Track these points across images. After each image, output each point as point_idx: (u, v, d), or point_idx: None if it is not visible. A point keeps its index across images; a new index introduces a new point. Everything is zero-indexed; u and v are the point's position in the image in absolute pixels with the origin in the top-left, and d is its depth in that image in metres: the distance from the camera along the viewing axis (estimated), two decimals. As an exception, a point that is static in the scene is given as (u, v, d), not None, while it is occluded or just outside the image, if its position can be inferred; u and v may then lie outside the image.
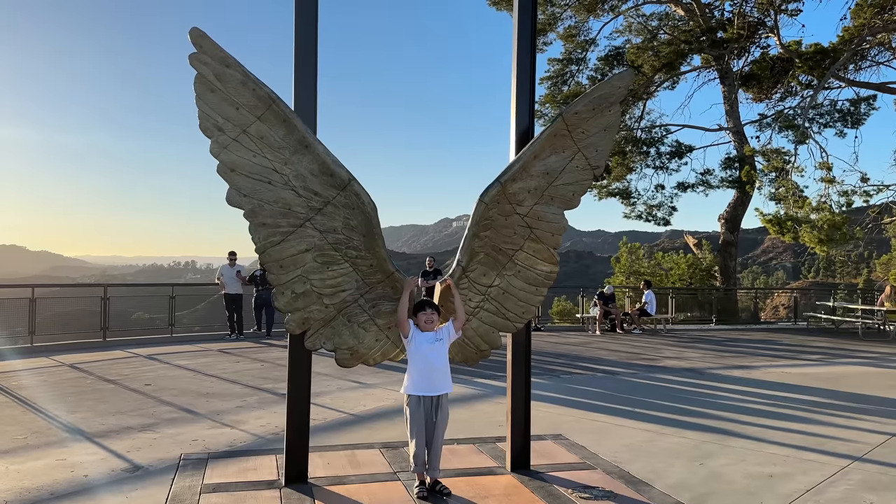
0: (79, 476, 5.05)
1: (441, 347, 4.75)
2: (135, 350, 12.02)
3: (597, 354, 12.74)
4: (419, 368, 4.70)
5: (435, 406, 4.71)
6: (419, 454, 4.66)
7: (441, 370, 4.74)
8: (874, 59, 24.13)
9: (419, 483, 4.72)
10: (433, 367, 4.71)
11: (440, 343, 4.75)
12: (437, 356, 4.73)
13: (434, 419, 4.70)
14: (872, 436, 6.60)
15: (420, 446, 4.65)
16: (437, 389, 4.72)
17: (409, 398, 4.71)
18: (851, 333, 17.68)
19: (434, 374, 4.71)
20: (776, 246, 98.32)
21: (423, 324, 4.73)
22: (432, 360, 4.71)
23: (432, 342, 4.72)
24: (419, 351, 4.70)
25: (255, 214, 4.63)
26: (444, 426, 4.76)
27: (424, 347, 4.70)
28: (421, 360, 4.69)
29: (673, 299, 19.99)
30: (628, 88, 5.39)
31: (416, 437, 4.65)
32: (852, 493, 4.93)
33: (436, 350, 4.73)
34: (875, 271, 46.20)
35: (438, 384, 4.72)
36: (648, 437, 6.50)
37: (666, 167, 24.54)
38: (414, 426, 4.65)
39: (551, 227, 5.19)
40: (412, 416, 4.67)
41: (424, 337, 4.73)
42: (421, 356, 4.69)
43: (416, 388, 4.69)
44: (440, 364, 4.74)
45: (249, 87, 4.50)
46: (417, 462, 4.68)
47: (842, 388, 9.27)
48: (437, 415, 4.71)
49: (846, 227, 19.78)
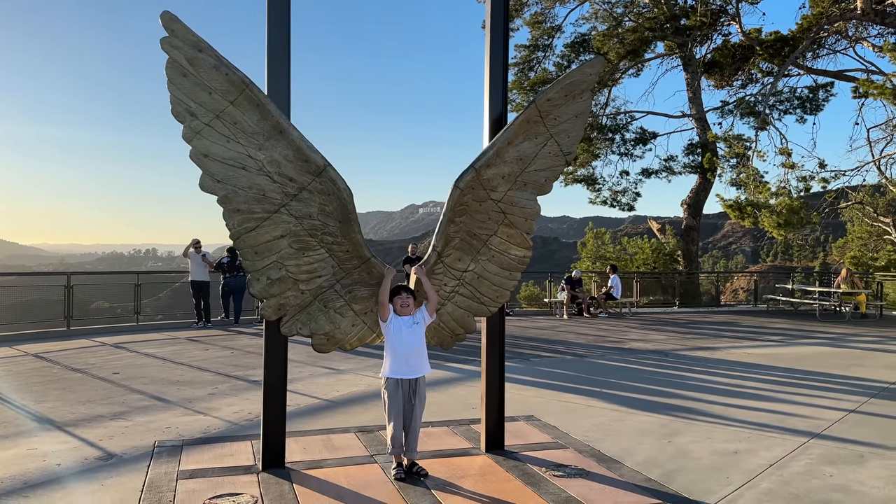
0: (51, 465, 5.00)
1: (418, 331, 4.83)
2: (100, 339, 11.83)
3: (565, 338, 12.93)
4: (397, 352, 4.77)
5: (413, 388, 4.79)
6: (397, 436, 4.73)
7: (418, 353, 4.82)
8: (831, 48, 24.72)
9: (396, 465, 4.81)
10: (410, 350, 4.78)
11: (417, 326, 4.83)
12: (414, 339, 4.80)
13: (412, 401, 4.78)
14: (831, 412, 6.85)
15: (398, 428, 4.73)
16: (415, 372, 4.80)
17: (387, 381, 4.78)
18: (809, 315, 18.20)
19: (411, 358, 4.78)
20: (736, 231, 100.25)
21: (399, 308, 4.80)
22: (409, 344, 4.77)
23: (409, 325, 4.80)
24: (397, 335, 4.77)
25: (230, 200, 4.61)
26: (421, 408, 4.85)
27: (402, 331, 4.77)
28: (399, 344, 4.76)
29: (638, 283, 20.32)
30: (599, 75, 5.47)
31: (393, 419, 4.72)
32: (813, 466, 5.14)
33: (413, 333, 4.80)
34: (831, 255, 47.51)
35: (416, 367, 4.80)
36: (617, 417, 6.66)
37: (630, 153, 24.86)
38: (392, 409, 4.73)
39: (525, 212, 5.26)
40: (390, 398, 4.74)
41: (402, 321, 4.80)
42: (399, 340, 4.76)
43: (394, 371, 4.76)
44: (417, 347, 4.82)
45: (222, 72, 4.46)
46: (395, 444, 4.75)
47: (801, 368, 9.58)
48: (415, 397, 4.79)
49: (804, 212, 20.30)
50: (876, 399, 7.51)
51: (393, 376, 4.77)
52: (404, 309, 4.81)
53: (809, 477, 4.89)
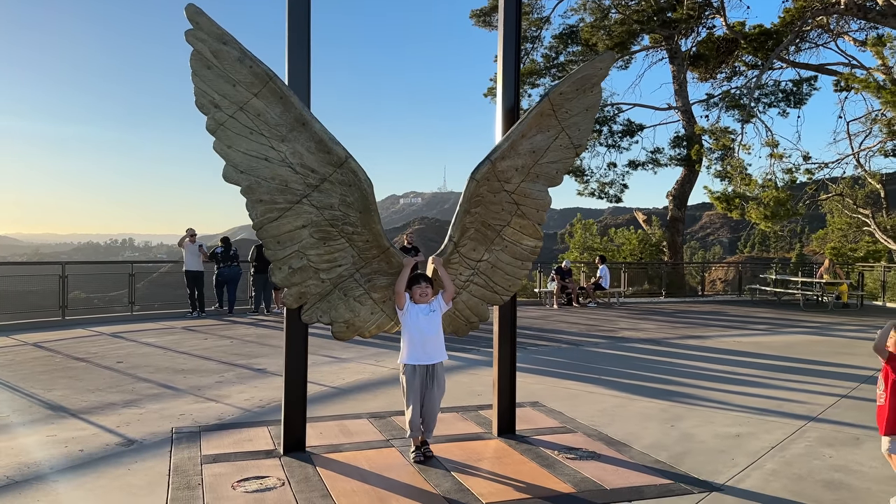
0: (74, 451, 5.07)
1: (435, 318, 4.96)
2: (97, 328, 11.82)
3: (557, 327, 13.13)
4: (414, 339, 4.90)
5: (430, 374, 4.93)
6: (414, 420, 4.88)
7: (435, 340, 4.96)
8: (814, 42, 25.06)
9: (415, 448, 4.96)
10: (427, 337, 4.91)
11: (433, 314, 4.96)
12: (431, 327, 4.93)
13: (430, 386, 4.92)
14: (824, 398, 7.10)
15: (416, 413, 4.87)
16: (432, 358, 4.93)
17: (404, 367, 4.91)
18: (793, 305, 18.58)
19: (428, 344, 4.91)
20: (714, 222, 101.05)
21: (418, 297, 4.91)
22: (426, 331, 4.90)
23: (426, 313, 4.93)
24: (414, 322, 4.90)
25: (252, 191, 4.70)
26: (440, 393, 4.99)
27: (420, 319, 4.90)
28: (416, 331, 4.90)
29: (625, 274, 20.59)
30: (609, 69, 5.62)
31: (412, 403, 4.85)
32: (812, 448, 5.36)
33: (430, 321, 4.93)
34: (808, 245, 48.24)
35: (433, 353, 4.94)
36: (619, 403, 6.85)
37: (618, 145, 25.07)
38: (410, 394, 4.86)
39: (536, 203, 5.41)
40: (408, 384, 4.87)
41: (419, 309, 4.92)
42: (416, 327, 4.89)
43: (411, 357, 4.90)
44: (434, 334, 4.95)
45: (246, 64, 4.55)
46: (413, 427, 4.90)
47: (790, 355, 9.85)
48: (433, 382, 4.93)
49: (790, 204, 20.64)
50: (866, 384, 7.77)
51: (410, 363, 4.89)
52: (423, 298, 4.92)
53: (810, 458, 5.10)
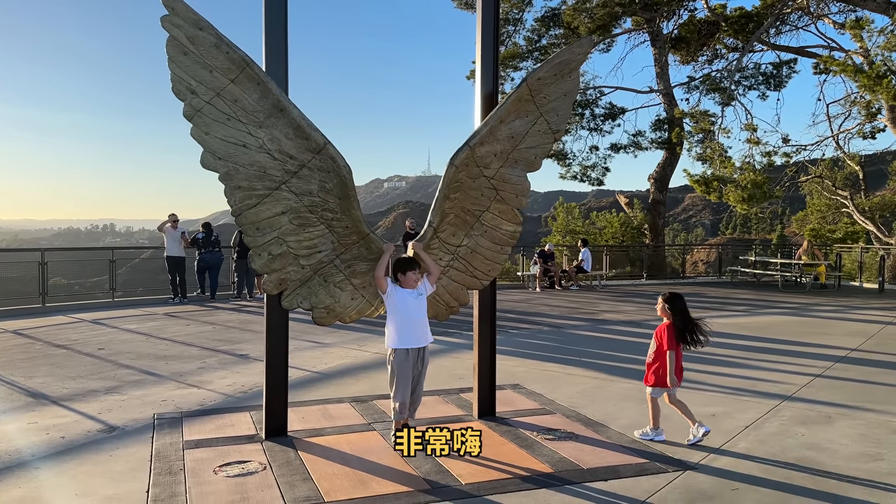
0: (55, 438, 5.08)
1: (422, 302, 5.00)
2: (78, 315, 11.76)
3: (539, 310, 13.24)
4: (403, 323, 4.91)
5: (420, 357, 4.98)
6: (405, 402, 4.91)
7: (423, 323, 5.00)
8: (794, 24, 25.19)
9: (397, 430, 4.90)
10: (416, 320, 4.94)
11: (421, 298, 5.00)
12: (419, 310, 4.97)
13: (420, 369, 4.98)
14: (799, 377, 7.24)
15: (406, 395, 4.90)
16: (422, 341, 4.97)
17: (395, 352, 4.90)
18: (772, 286, 18.83)
19: (417, 328, 4.95)
20: (696, 204, 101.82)
21: (412, 282, 4.94)
22: (415, 314, 4.94)
23: (415, 297, 4.96)
24: (404, 306, 4.91)
25: (231, 177, 4.70)
26: (424, 375, 5.06)
27: (409, 302, 4.92)
28: (406, 315, 4.91)
29: (607, 256, 20.74)
30: (587, 55, 5.64)
31: (402, 387, 4.87)
32: (785, 427, 5.48)
33: (418, 304, 4.97)
34: (789, 227, 48.77)
35: (422, 336, 4.98)
36: (598, 384, 6.95)
37: (600, 129, 25.16)
38: (401, 378, 4.87)
39: (516, 188, 5.45)
40: (399, 368, 4.87)
41: (407, 293, 4.94)
42: (406, 311, 4.91)
43: (402, 341, 4.90)
44: (423, 317, 5.00)
45: (223, 50, 4.53)
46: (402, 410, 4.92)
47: (768, 336, 10.01)
48: (422, 364, 4.99)
49: (767, 186, 20.85)
50: (840, 364, 7.94)
51: (402, 346, 4.89)
52: (414, 284, 4.95)
53: (783, 437, 5.22)
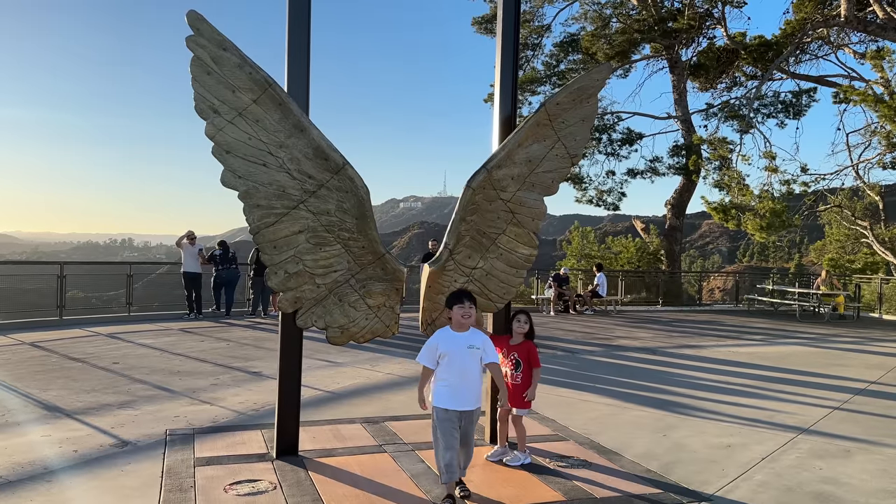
0: (68, 451, 5.10)
1: (474, 357, 4.26)
2: (94, 329, 11.85)
3: (554, 334, 13.16)
4: (448, 375, 4.22)
5: (469, 420, 4.29)
6: (452, 464, 4.13)
7: (474, 381, 4.26)
8: (814, 53, 25.18)
9: (447, 497, 4.16)
10: (465, 375, 4.21)
11: (474, 351, 4.26)
12: (470, 364, 4.24)
13: (468, 430, 4.31)
14: (816, 409, 7.13)
15: (452, 457, 4.13)
16: (469, 403, 4.25)
17: (435, 410, 4.24)
18: (789, 315, 18.62)
19: (465, 386, 4.21)
20: (713, 231, 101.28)
21: (460, 318, 4.26)
22: (465, 368, 4.20)
23: (466, 345, 4.24)
24: (453, 355, 4.20)
25: (250, 196, 4.75)
26: (474, 430, 4.42)
27: (458, 351, 4.20)
28: (450, 366, 4.20)
29: (622, 282, 20.64)
30: (606, 81, 5.67)
31: (446, 448, 4.15)
32: (803, 460, 5.39)
33: (470, 357, 4.25)
34: (807, 256, 48.31)
35: (470, 397, 4.25)
36: (612, 411, 6.88)
37: (617, 154, 25.18)
38: (444, 438, 4.16)
39: (532, 212, 5.45)
40: (441, 428, 4.18)
41: (457, 338, 4.26)
42: (451, 361, 4.20)
43: (444, 399, 4.20)
44: (474, 375, 4.25)
45: (246, 71, 4.60)
46: (450, 471, 4.13)
47: (785, 366, 9.88)
48: (471, 426, 4.33)
49: (786, 215, 20.71)
50: (859, 397, 7.81)
51: (443, 406, 4.18)
52: (465, 320, 4.24)
53: (800, 470, 5.13)
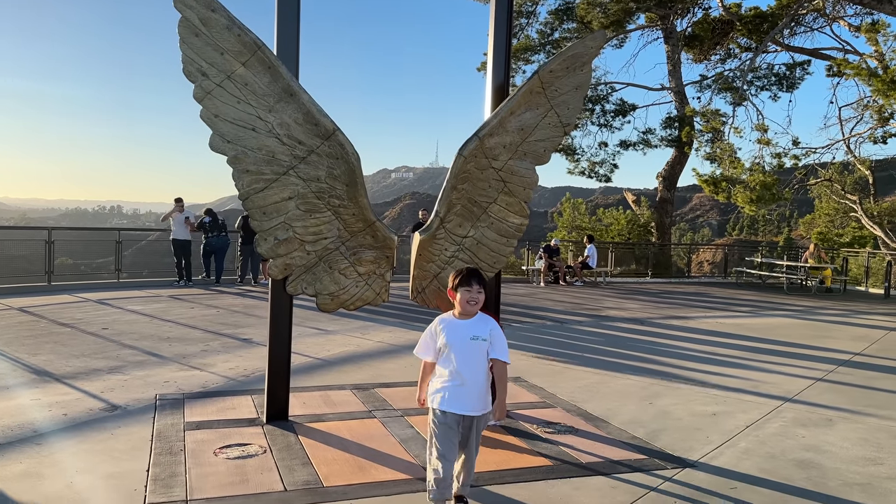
0: (57, 415, 5.11)
1: (481, 349, 3.51)
2: (83, 295, 11.82)
3: (543, 304, 13.23)
4: (453, 373, 3.50)
5: (475, 425, 3.56)
6: (445, 478, 3.46)
7: (480, 380, 3.51)
8: (809, 26, 25.02)
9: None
10: (470, 371, 3.49)
11: (479, 343, 3.51)
12: (476, 358, 3.50)
13: (471, 438, 3.57)
14: (801, 380, 7.22)
15: (447, 468, 3.46)
16: (474, 408, 3.51)
17: (433, 412, 3.55)
18: (777, 288, 18.78)
19: (470, 386, 3.49)
20: (703, 204, 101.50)
21: (465, 304, 3.53)
22: (470, 362, 3.48)
23: (470, 335, 3.51)
24: (455, 346, 3.51)
25: (239, 161, 4.71)
26: (478, 441, 3.64)
27: (462, 341, 3.50)
28: (457, 362, 3.49)
29: (612, 253, 20.71)
30: (600, 49, 5.62)
31: (442, 455, 3.46)
32: (786, 428, 5.47)
33: (476, 349, 3.51)
34: (796, 230, 48.59)
35: (476, 401, 3.52)
36: (599, 380, 6.95)
37: (610, 125, 25.06)
38: (441, 444, 3.47)
39: (523, 181, 5.44)
40: (439, 428, 3.50)
41: (462, 326, 3.54)
42: (457, 356, 3.49)
43: (443, 401, 3.50)
44: (480, 372, 3.51)
45: (234, 33, 4.53)
46: (440, 486, 3.46)
47: (772, 338, 9.98)
48: (475, 432, 3.57)
49: (776, 188, 20.77)
50: (843, 368, 7.92)
51: (443, 409, 3.49)
52: (472, 307, 3.53)
53: (783, 438, 5.21)
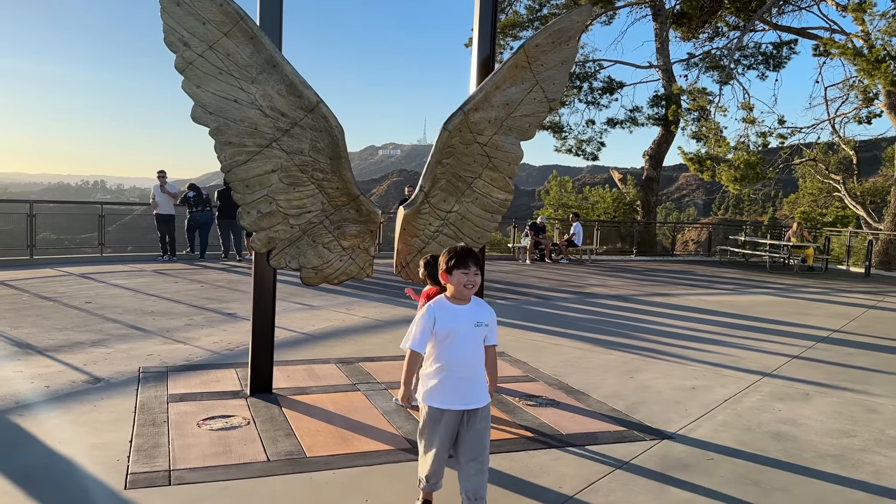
0: (40, 387, 5.11)
1: (479, 335, 3.21)
2: (65, 269, 11.73)
3: (528, 281, 13.29)
4: (447, 365, 3.15)
5: (470, 419, 3.19)
6: (437, 471, 3.22)
7: (477, 368, 3.22)
8: (797, 4, 25.02)
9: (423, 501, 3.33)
10: (467, 361, 3.18)
11: (480, 330, 3.21)
12: (473, 345, 3.20)
13: (470, 431, 3.18)
14: (779, 356, 7.33)
15: (438, 462, 3.20)
16: (473, 400, 3.18)
17: (428, 409, 3.20)
18: (760, 266, 18.95)
19: (467, 377, 3.18)
20: (690, 183, 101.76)
21: (463, 288, 3.16)
22: (467, 351, 3.17)
23: (470, 319, 3.18)
24: (452, 339, 3.14)
25: (221, 133, 4.67)
26: (485, 436, 3.21)
27: (460, 329, 3.15)
28: (449, 354, 3.15)
29: (598, 231, 20.79)
30: (586, 23, 5.60)
31: (433, 448, 3.19)
32: (763, 402, 5.57)
33: (474, 336, 3.20)
34: (781, 209, 48.96)
35: (474, 392, 3.19)
36: (582, 355, 7.02)
37: (597, 102, 25.01)
38: (431, 436, 3.20)
39: (508, 156, 5.44)
40: (429, 428, 3.20)
41: (459, 315, 3.17)
42: (452, 349, 3.14)
43: (435, 396, 3.16)
44: (477, 361, 3.22)
45: (216, 2, 4.47)
46: (431, 480, 3.23)
47: (753, 315, 10.10)
48: (473, 426, 3.18)
49: (760, 167, 20.88)
50: (821, 344, 8.04)
51: (437, 406, 3.15)
52: (468, 290, 3.17)
53: (761, 411, 5.31)
